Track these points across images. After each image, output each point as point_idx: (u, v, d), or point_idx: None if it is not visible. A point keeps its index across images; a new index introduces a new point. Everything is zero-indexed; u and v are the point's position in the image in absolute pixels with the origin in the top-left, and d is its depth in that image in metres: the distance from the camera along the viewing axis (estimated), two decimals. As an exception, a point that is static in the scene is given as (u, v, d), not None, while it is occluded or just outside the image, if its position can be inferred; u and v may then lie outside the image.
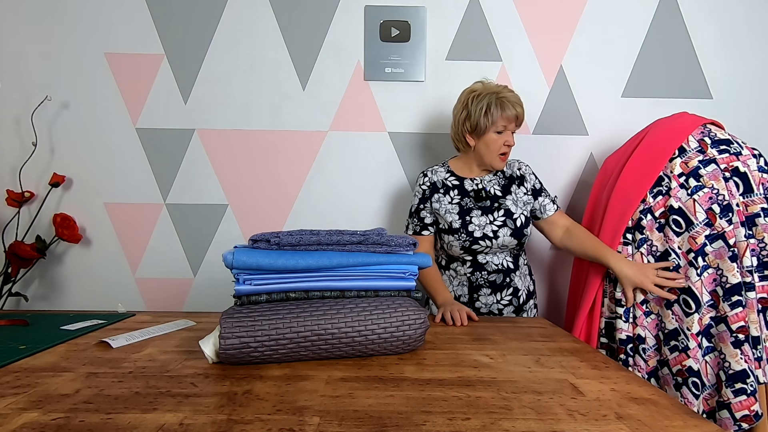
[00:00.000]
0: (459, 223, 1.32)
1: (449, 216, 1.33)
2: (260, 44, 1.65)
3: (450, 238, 1.32)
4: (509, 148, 1.33)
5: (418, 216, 1.39)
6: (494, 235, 1.31)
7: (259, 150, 1.67)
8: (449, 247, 1.34)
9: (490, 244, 1.31)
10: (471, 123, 1.31)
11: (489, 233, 1.31)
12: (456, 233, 1.31)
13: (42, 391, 0.66)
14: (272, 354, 0.76)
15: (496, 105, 1.28)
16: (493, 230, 1.31)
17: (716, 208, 1.17)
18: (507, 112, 1.28)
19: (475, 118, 1.30)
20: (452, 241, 1.32)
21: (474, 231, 1.31)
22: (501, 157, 1.33)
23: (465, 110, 1.33)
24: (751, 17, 1.66)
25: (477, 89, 1.33)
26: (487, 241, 1.30)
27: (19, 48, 1.64)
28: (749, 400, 1.10)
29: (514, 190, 1.37)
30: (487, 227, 1.31)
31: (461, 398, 0.65)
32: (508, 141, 1.32)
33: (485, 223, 1.31)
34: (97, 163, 1.66)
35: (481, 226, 1.31)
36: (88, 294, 1.68)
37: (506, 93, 1.30)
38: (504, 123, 1.30)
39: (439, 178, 1.39)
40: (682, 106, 1.65)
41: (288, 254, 0.81)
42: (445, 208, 1.34)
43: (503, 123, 1.30)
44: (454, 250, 1.33)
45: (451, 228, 1.32)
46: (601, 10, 1.66)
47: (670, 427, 0.57)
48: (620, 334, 1.26)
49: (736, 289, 1.14)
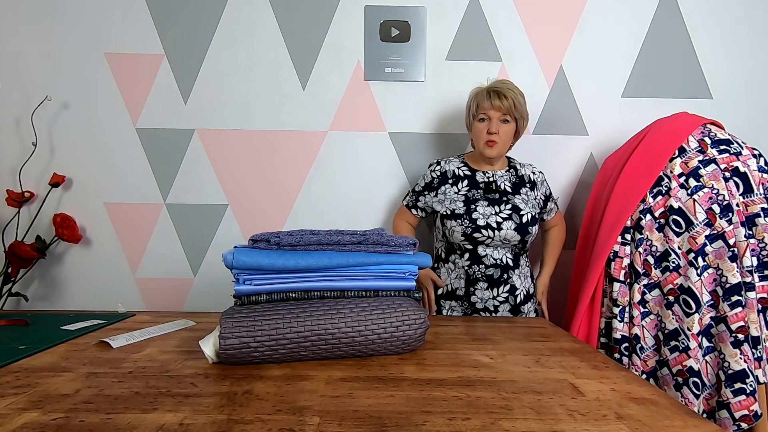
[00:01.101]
0: (463, 210, 1.33)
1: (453, 204, 1.35)
2: (260, 44, 1.65)
3: (452, 223, 1.33)
4: (493, 135, 1.33)
5: (417, 197, 1.47)
6: (498, 226, 1.31)
7: (259, 150, 1.67)
8: (451, 233, 1.34)
9: (492, 234, 1.31)
10: (467, 116, 1.41)
11: (492, 223, 1.31)
12: (459, 218, 1.32)
13: (42, 391, 0.66)
14: (272, 354, 0.76)
15: (482, 95, 1.34)
16: (497, 221, 1.31)
17: (716, 208, 1.17)
18: (489, 101, 1.32)
19: (467, 112, 1.41)
20: (454, 227, 1.32)
21: (477, 219, 1.31)
22: (488, 143, 1.34)
23: (467, 107, 1.41)
24: (751, 17, 1.66)
25: (481, 86, 1.37)
26: (489, 231, 1.30)
27: (19, 48, 1.64)
28: (748, 400, 1.10)
29: (525, 192, 1.39)
30: (491, 217, 1.32)
31: (461, 398, 0.65)
32: (490, 128, 1.33)
33: (490, 213, 1.32)
34: (97, 163, 1.66)
35: (485, 216, 1.32)
36: (88, 294, 1.69)
37: (499, 84, 1.34)
38: (485, 111, 1.34)
39: (452, 168, 1.42)
40: (682, 106, 1.65)
41: (288, 254, 0.81)
42: (451, 197, 1.37)
43: (484, 112, 1.34)
44: (456, 236, 1.33)
45: (454, 213, 1.33)
46: (601, 10, 1.66)
47: (670, 427, 0.57)
48: (615, 333, 1.27)
49: (736, 289, 1.14)
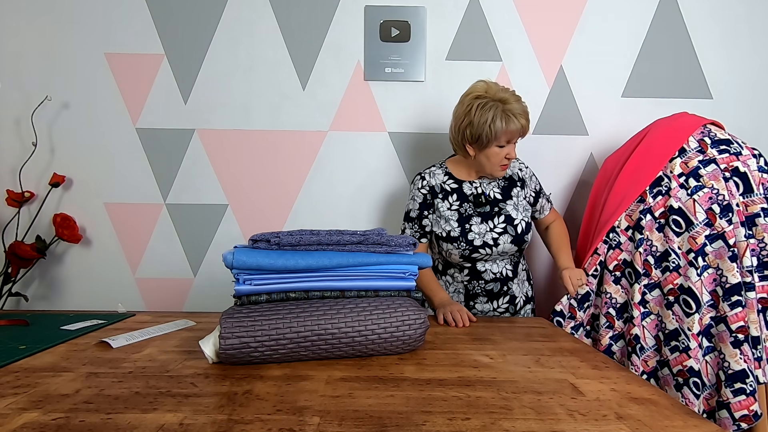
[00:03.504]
0: (458, 231, 1.27)
1: (448, 225, 1.28)
2: (260, 44, 1.65)
3: (449, 246, 1.28)
4: (510, 161, 1.27)
5: (420, 223, 1.32)
6: (494, 242, 1.27)
7: (259, 150, 1.67)
8: (448, 255, 1.30)
9: (490, 251, 1.27)
10: (472, 132, 1.22)
11: (489, 241, 1.27)
12: (455, 242, 1.27)
13: (42, 391, 0.66)
14: (272, 354, 0.76)
15: (501, 118, 1.19)
16: (494, 237, 1.27)
17: (716, 208, 1.17)
18: (511, 126, 1.20)
19: (477, 130, 1.21)
20: (451, 250, 1.28)
21: (474, 240, 1.26)
22: (502, 167, 1.27)
23: (467, 118, 1.22)
24: (752, 16, 1.66)
25: (481, 94, 1.23)
26: (487, 249, 1.27)
27: (19, 48, 1.64)
28: (748, 400, 1.10)
29: (516, 193, 1.33)
30: (487, 235, 1.27)
31: (461, 398, 0.65)
32: (510, 154, 1.25)
33: (485, 231, 1.27)
34: (97, 163, 1.66)
35: (481, 234, 1.27)
36: (88, 294, 1.68)
37: (512, 104, 1.20)
38: (507, 138, 1.22)
39: (438, 182, 1.32)
40: (682, 106, 1.64)
41: (288, 254, 0.82)
42: (445, 215, 1.30)
43: (506, 138, 1.22)
44: (453, 258, 1.30)
45: (449, 236, 1.28)
46: (601, 10, 1.66)
47: (670, 427, 0.57)
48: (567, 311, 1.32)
49: (735, 289, 1.14)
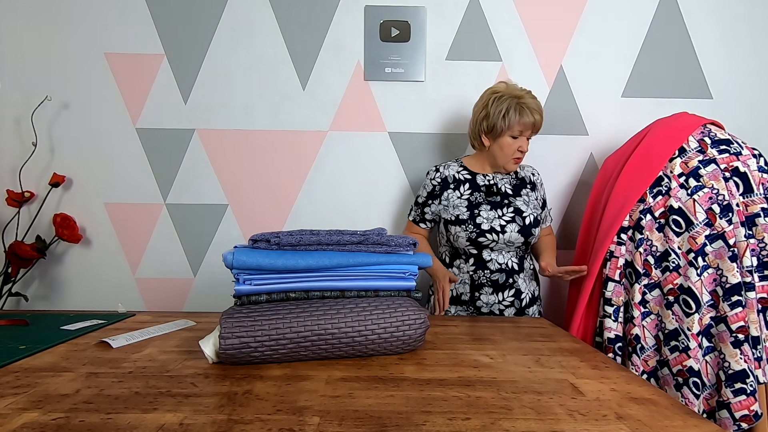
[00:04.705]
0: (467, 215, 1.33)
1: (457, 210, 1.34)
2: (260, 44, 1.65)
3: (457, 229, 1.33)
4: (522, 153, 1.34)
5: (422, 209, 1.43)
6: (501, 229, 1.31)
7: (259, 150, 1.67)
8: (455, 238, 1.34)
9: (496, 238, 1.31)
10: (488, 123, 1.33)
11: (496, 227, 1.31)
12: (463, 224, 1.32)
13: (42, 391, 0.66)
14: (272, 354, 0.76)
15: (515, 110, 1.29)
16: (501, 225, 1.32)
17: (716, 208, 1.17)
18: (525, 118, 1.29)
19: (492, 120, 1.31)
20: (459, 232, 1.32)
21: (482, 223, 1.31)
22: (514, 160, 1.35)
23: (485, 110, 1.33)
24: (752, 15, 1.66)
25: (500, 90, 1.33)
26: (493, 235, 1.31)
27: (19, 48, 1.64)
28: (749, 400, 1.10)
29: (526, 193, 1.39)
30: (495, 221, 1.32)
31: (461, 398, 0.65)
32: (522, 147, 1.33)
33: (494, 217, 1.32)
34: (97, 163, 1.66)
35: (489, 220, 1.32)
36: (88, 294, 1.68)
37: (527, 99, 1.30)
38: (520, 128, 1.31)
39: (451, 172, 1.40)
40: (682, 106, 1.65)
41: (288, 254, 0.81)
42: (454, 202, 1.36)
43: (519, 128, 1.31)
44: (461, 242, 1.33)
45: (458, 219, 1.33)
46: (601, 10, 1.66)
47: (670, 427, 0.57)
48: (608, 333, 1.27)
49: (736, 289, 1.14)
